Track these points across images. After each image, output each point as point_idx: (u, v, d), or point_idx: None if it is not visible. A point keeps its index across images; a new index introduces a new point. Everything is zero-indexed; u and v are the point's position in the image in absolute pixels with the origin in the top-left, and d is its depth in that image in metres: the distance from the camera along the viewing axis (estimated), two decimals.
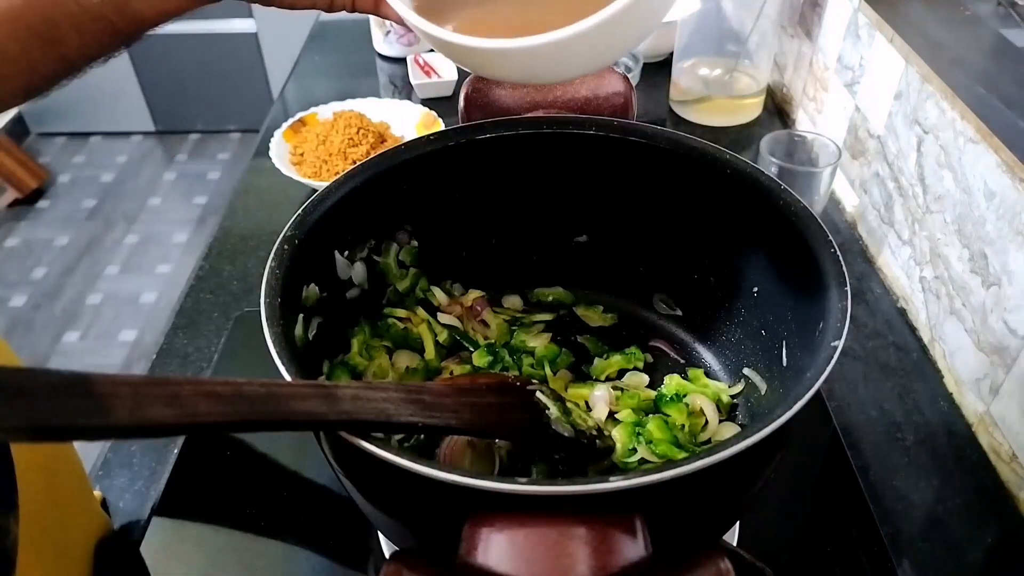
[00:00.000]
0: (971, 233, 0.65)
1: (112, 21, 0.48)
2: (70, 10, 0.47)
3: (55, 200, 2.51)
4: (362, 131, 0.95)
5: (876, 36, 0.81)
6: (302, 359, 0.42)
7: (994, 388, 0.63)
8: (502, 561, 0.31)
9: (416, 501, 0.38)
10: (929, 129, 0.71)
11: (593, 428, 0.49)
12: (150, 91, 2.68)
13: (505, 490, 0.31)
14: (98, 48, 0.50)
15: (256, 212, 0.93)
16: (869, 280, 0.82)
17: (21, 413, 0.24)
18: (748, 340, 0.56)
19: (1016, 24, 0.76)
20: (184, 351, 0.74)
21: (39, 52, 0.48)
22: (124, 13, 0.48)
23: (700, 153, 0.53)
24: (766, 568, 0.35)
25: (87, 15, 0.47)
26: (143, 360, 1.92)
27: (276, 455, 0.62)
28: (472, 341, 0.60)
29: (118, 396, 0.27)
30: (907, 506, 0.60)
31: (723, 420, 0.54)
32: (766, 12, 0.98)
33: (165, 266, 2.24)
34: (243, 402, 0.31)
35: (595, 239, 0.63)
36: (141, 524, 0.58)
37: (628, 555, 0.31)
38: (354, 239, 0.55)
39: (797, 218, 0.47)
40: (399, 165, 0.54)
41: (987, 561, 0.57)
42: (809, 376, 0.38)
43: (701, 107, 1.06)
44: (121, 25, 0.49)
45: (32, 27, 0.47)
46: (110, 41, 0.50)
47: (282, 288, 0.43)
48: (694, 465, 0.33)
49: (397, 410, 0.36)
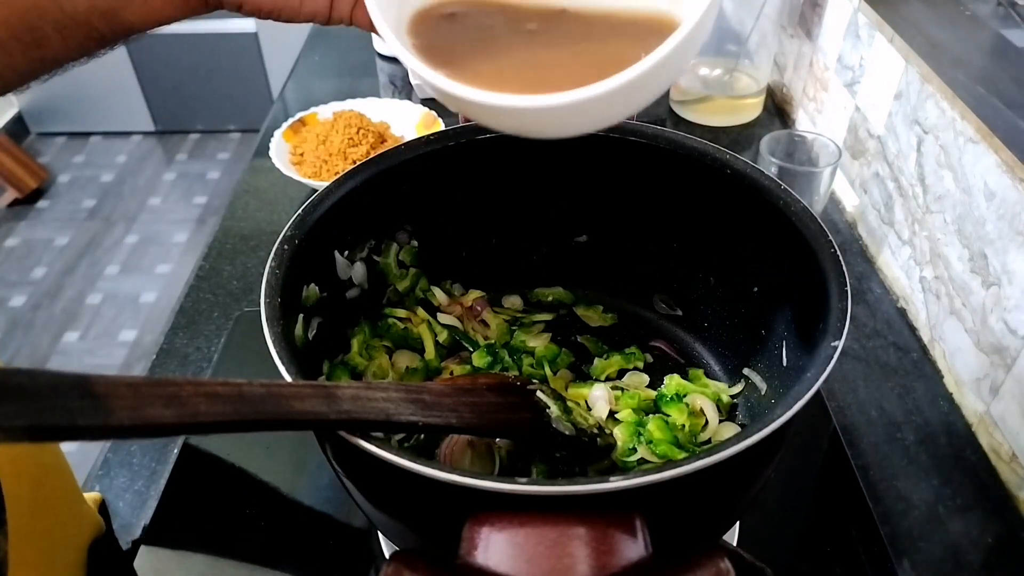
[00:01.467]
0: (971, 233, 0.65)
1: (98, 28, 0.47)
2: (54, 16, 0.46)
3: (55, 200, 2.51)
4: (362, 131, 0.95)
5: (876, 36, 0.81)
6: (302, 359, 0.42)
7: (994, 388, 0.63)
8: (502, 561, 0.31)
9: (416, 501, 0.38)
10: (929, 129, 0.71)
11: (594, 426, 0.49)
12: (150, 91, 2.68)
13: (505, 490, 0.31)
14: (81, 51, 0.49)
15: (256, 212, 0.93)
16: (869, 280, 0.82)
17: (21, 413, 0.24)
18: (748, 340, 0.56)
19: (1016, 24, 0.76)
20: (184, 351, 0.74)
21: (19, 54, 0.47)
22: (112, 21, 0.47)
23: (700, 153, 0.53)
24: (766, 568, 0.35)
25: (72, 21, 0.46)
26: (143, 360, 1.92)
27: (275, 457, 0.62)
28: (472, 341, 0.60)
29: (118, 396, 0.27)
30: (907, 506, 0.60)
31: (723, 420, 0.54)
32: (766, 12, 0.98)
33: (165, 266, 2.24)
34: (243, 402, 0.31)
35: (595, 239, 0.63)
36: (143, 524, 0.58)
37: (628, 555, 0.31)
38: (354, 239, 0.55)
39: (797, 218, 0.47)
40: (399, 165, 0.54)
41: (987, 561, 0.57)
42: (809, 376, 0.38)
43: (701, 107, 1.06)
44: (107, 32, 0.48)
45: (12, 30, 0.46)
46: (94, 45, 0.49)
47: (282, 288, 0.43)
48: (694, 465, 0.33)
49: (397, 409, 0.36)
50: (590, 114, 0.38)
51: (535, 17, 0.44)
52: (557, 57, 0.42)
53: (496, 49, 0.42)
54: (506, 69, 0.41)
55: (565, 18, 0.44)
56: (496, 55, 0.42)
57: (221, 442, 0.63)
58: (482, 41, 0.43)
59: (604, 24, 0.43)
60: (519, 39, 0.43)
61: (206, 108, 2.73)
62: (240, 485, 0.60)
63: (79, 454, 1.66)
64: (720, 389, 0.56)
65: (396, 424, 0.36)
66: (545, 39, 0.43)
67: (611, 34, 0.43)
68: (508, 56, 0.42)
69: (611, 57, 0.40)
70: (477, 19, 0.44)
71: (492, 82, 0.38)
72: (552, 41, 0.43)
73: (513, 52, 0.42)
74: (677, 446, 0.51)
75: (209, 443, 0.63)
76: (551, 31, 0.43)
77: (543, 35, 0.43)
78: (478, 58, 0.41)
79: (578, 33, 0.43)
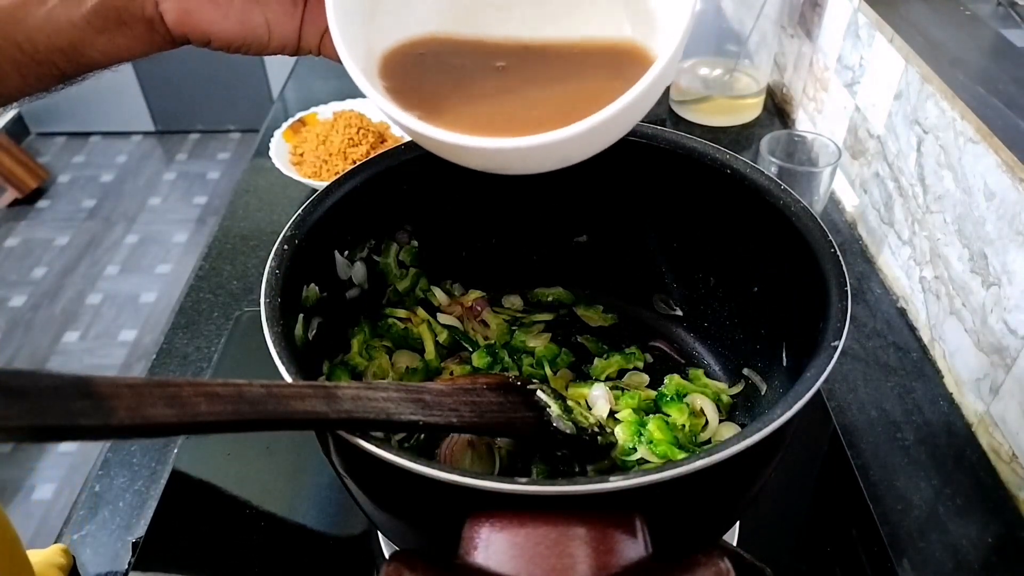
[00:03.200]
0: (971, 233, 0.65)
1: (59, 66, 0.46)
2: (13, 55, 0.45)
3: (55, 200, 2.51)
4: (362, 131, 0.95)
5: (876, 36, 0.81)
6: (302, 359, 0.42)
7: (994, 388, 0.63)
8: (502, 561, 0.31)
9: (416, 501, 0.38)
10: (929, 129, 0.71)
11: (594, 425, 0.49)
12: (150, 91, 2.68)
13: (505, 490, 0.31)
14: (39, 87, 0.48)
15: (256, 212, 0.93)
16: (869, 280, 0.82)
17: (24, 414, 0.24)
18: (748, 340, 0.56)
19: (1016, 24, 0.76)
20: (184, 351, 0.74)
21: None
22: (74, 60, 0.46)
23: (700, 153, 0.53)
24: (766, 568, 0.35)
25: (31, 60, 0.45)
26: (143, 360, 1.92)
27: (275, 457, 0.62)
28: (472, 341, 0.60)
29: (119, 397, 0.27)
30: (907, 506, 0.60)
31: (723, 420, 0.54)
32: (766, 12, 0.98)
33: (165, 266, 2.24)
34: (243, 402, 0.31)
35: (595, 239, 0.63)
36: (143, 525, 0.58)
37: (628, 555, 0.31)
38: (354, 239, 0.55)
39: (797, 218, 0.47)
40: (399, 165, 0.54)
41: (987, 561, 0.57)
42: (809, 376, 0.38)
43: (701, 107, 1.06)
44: (68, 69, 0.47)
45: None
46: (54, 82, 0.48)
47: (282, 288, 0.43)
48: (694, 465, 0.33)
49: (398, 409, 0.37)
50: (568, 150, 0.38)
51: (503, 54, 0.44)
52: (530, 95, 0.42)
53: (469, 89, 0.42)
54: (480, 110, 0.41)
55: (533, 53, 0.44)
56: (469, 95, 0.42)
57: (221, 442, 0.63)
58: (454, 81, 0.42)
59: (573, 57, 0.43)
60: (490, 77, 0.43)
61: (206, 108, 2.73)
62: (240, 486, 0.60)
63: (79, 454, 1.67)
64: (720, 389, 0.56)
65: (397, 423, 0.36)
66: (516, 76, 0.43)
67: (581, 67, 0.43)
68: (482, 96, 0.41)
69: (584, 93, 0.40)
70: (447, 58, 0.44)
71: (467, 124, 0.38)
72: (524, 77, 0.43)
73: (486, 92, 0.42)
74: (677, 446, 0.51)
75: (209, 443, 0.63)
76: (522, 67, 0.43)
77: (514, 72, 0.43)
78: (451, 99, 0.41)
79: (548, 69, 0.43)
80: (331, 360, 0.54)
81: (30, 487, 1.63)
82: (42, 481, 1.64)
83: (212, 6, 0.45)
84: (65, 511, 0.95)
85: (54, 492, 1.62)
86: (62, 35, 0.45)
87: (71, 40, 0.45)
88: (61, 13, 0.44)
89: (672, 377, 0.56)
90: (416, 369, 0.57)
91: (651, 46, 0.41)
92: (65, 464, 1.66)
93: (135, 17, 0.45)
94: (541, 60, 0.43)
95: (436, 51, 0.44)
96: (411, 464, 0.33)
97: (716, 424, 0.54)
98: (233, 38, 0.46)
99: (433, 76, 0.43)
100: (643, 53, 0.42)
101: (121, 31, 0.45)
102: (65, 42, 0.45)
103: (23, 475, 1.65)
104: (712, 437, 0.53)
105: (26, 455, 1.68)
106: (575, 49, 0.44)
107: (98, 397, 0.27)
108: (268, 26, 0.46)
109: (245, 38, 0.46)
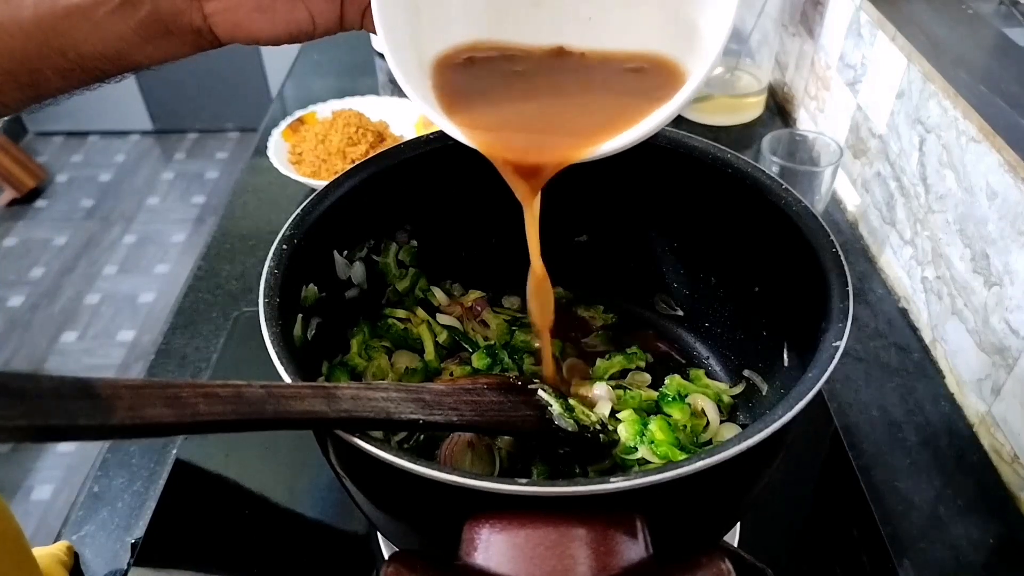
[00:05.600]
0: (973, 233, 0.65)
1: (103, 69, 0.47)
2: (56, 62, 0.46)
3: (53, 200, 2.51)
4: (361, 130, 0.94)
5: (878, 35, 0.81)
6: (301, 359, 0.42)
7: (996, 388, 0.62)
8: (502, 562, 0.31)
9: (416, 502, 0.38)
10: (931, 128, 0.71)
11: (596, 423, 0.49)
12: (148, 90, 2.67)
13: (505, 491, 0.31)
14: (80, 87, 0.49)
15: (255, 212, 0.92)
16: (871, 280, 0.81)
17: (24, 414, 0.25)
18: (749, 340, 0.56)
19: (1018, 23, 0.76)
20: (183, 351, 0.74)
21: (13, 91, 0.47)
22: (119, 63, 0.47)
23: (701, 152, 0.53)
24: (767, 569, 0.35)
25: (77, 66, 0.46)
26: (141, 360, 1.92)
27: (274, 457, 0.62)
28: (472, 342, 0.60)
29: (119, 397, 0.27)
30: (908, 506, 0.60)
31: (724, 421, 0.54)
32: (767, 10, 0.98)
33: (163, 266, 2.24)
34: (243, 402, 0.31)
35: (595, 239, 0.63)
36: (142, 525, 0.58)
37: (629, 556, 0.31)
38: (353, 239, 0.54)
39: (798, 218, 0.47)
40: (398, 165, 0.53)
41: (988, 562, 0.56)
42: (810, 376, 0.38)
43: (702, 106, 1.06)
44: (112, 71, 0.48)
45: (12, 73, 0.46)
46: (95, 82, 0.49)
47: (281, 288, 0.43)
48: (695, 466, 0.33)
49: (398, 408, 0.36)
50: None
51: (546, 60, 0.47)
52: (569, 107, 0.45)
53: (509, 96, 0.46)
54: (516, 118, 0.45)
55: (577, 61, 0.47)
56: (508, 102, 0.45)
57: (221, 442, 0.62)
58: (496, 88, 0.46)
59: (613, 68, 0.46)
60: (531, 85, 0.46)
61: (204, 107, 2.72)
62: (239, 486, 0.60)
63: (78, 455, 1.67)
64: (721, 389, 0.56)
65: (397, 422, 0.36)
66: (557, 84, 0.46)
67: (619, 80, 0.46)
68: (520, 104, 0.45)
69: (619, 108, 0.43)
70: (493, 64, 0.47)
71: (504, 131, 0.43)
72: (564, 88, 0.46)
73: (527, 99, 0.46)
74: (678, 447, 0.50)
75: (209, 443, 0.62)
76: (563, 76, 0.46)
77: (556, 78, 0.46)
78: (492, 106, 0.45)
79: (590, 80, 0.46)
80: (330, 360, 0.53)
81: (29, 487, 1.62)
82: (41, 481, 1.64)
83: (259, 13, 0.46)
84: (64, 511, 0.95)
85: (53, 492, 1.62)
86: (109, 45, 0.46)
87: (118, 49, 0.46)
88: (108, 26, 0.45)
89: (673, 377, 0.56)
90: (416, 369, 0.57)
91: (684, 61, 0.44)
92: (64, 464, 1.66)
93: (183, 28, 0.46)
94: (583, 69, 0.46)
95: (483, 56, 0.47)
96: (411, 465, 0.33)
97: (717, 425, 0.54)
98: (281, 36, 0.48)
99: (479, 82, 0.46)
100: (675, 68, 0.44)
101: (168, 39, 0.47)
102: (112, 51, 0.46)
103: (22, 475, 1.65)
104: (713, 438, 0.53)
105: (25, 455, 1.68)
106: (616, 59, 0.46)
107: (98, 397, 0.27)
108: (312, 18, 0.48)
109: (291, 34, 0.48)
